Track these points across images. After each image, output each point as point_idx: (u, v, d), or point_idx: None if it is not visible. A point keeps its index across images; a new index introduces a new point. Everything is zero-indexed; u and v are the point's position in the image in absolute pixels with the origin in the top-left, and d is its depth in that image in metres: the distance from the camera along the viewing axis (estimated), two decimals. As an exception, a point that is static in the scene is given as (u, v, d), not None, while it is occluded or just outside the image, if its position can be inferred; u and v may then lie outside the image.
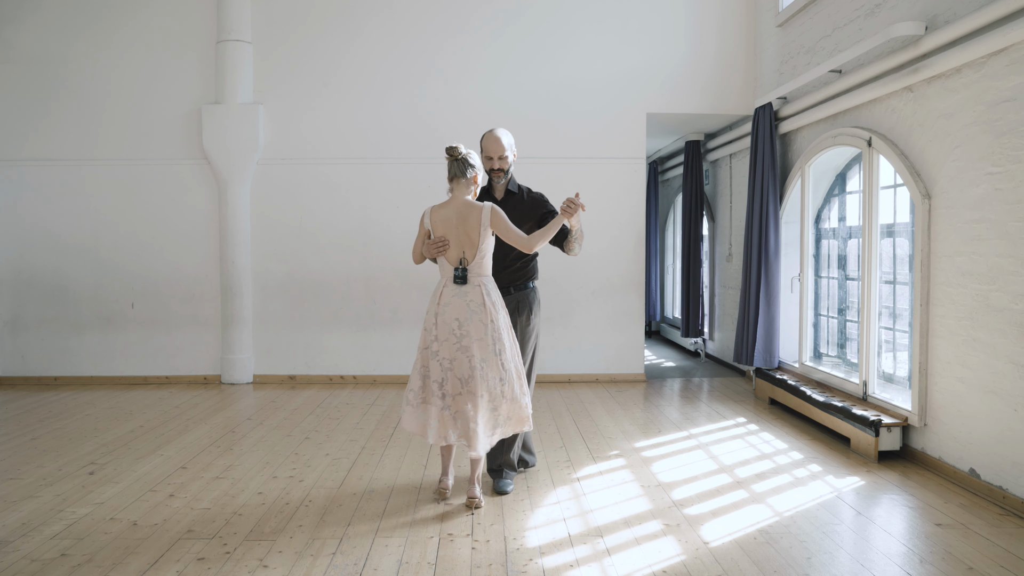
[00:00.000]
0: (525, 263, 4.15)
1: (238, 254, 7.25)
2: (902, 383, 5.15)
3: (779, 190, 6.48)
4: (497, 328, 3.74)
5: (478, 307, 3.73)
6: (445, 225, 3.78)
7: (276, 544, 3.38)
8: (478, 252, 3.74)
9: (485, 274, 3.81)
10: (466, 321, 3.72)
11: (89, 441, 5.15)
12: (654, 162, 10.68)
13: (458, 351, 3.72)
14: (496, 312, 3.76)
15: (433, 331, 3.77)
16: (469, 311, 3.73)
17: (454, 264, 3.78)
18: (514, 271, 4.11)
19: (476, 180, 3.84)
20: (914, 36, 4.58)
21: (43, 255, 7.35)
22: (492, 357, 3.72)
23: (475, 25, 7.30)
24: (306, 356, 7.38)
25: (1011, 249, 3.85)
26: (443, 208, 3.81)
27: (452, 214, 3.78)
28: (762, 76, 7.16)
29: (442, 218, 3.80)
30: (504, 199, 4.13)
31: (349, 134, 7.33)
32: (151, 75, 7.30)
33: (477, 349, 3.70)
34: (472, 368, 3.69)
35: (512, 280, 4.11)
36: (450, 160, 3.80)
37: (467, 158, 3.80)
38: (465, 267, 3.76)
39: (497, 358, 3.72)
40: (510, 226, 3.76)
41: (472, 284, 3.76)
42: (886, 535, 3.50)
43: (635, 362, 7.44)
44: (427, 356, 3.80)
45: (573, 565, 3.17)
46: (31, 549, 3.32)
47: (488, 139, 4.06)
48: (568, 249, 4.05)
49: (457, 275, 3.76)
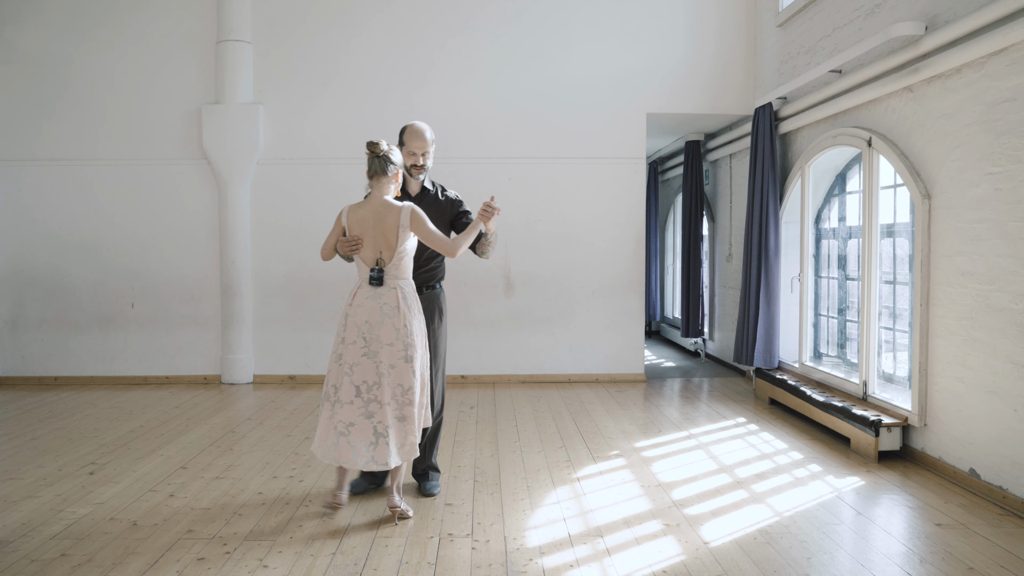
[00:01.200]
0: (438, 263, 4.05)
1: (238, 254, 7.25)
2: (902, 383, 5.15)
3: (779, 190, 6.47)
4: (411, 333, 3.59)
5: (392, 310, 3.58)
6: (362, 225, 3.62)
7: (276, 544, 3.38)
8: (396, 254, 3.60)
9: (403, 276, 3.66)
10: (377, 325, 3.56)
11: (89, 441, 5.15)
12: (654, 162, 10.68)
13: (363, 356, 3.56)
14: (411, 316, 3.61)
15: (341, 333, 3.62)
16: (382, 314, 3.57)
17: (370, 265, 3.64)
18: (427, 271, 3.98)
19: (397, 178, 3.69)
20: (914, 36, 4.58)
21: (43, 255, 7.35)
22: (402, 364, 3.56)
23: (475, 25, 7.30)
24: (306, 356, 7.38)
25: (1011, 249, 3.85)
26: (361, 207, 3.65)
27: (370, 214, 3.63)
28: (762, 76, 7.16)
29: (359, 218, 3.64)
30: (417, 197, 4.00)
31: (349, 134, 7.32)
32: (151, 75, 7.30)
33: (386, 355, 3.55)
34: (379, 375, 3.53)
35: (425, 281, 3.98)
36: (371, 156, 3.62)
37: (388, 155, 3.63)
38: (381, 268, 3.61)
39: (408, 365, 3.56)
40: (432, 228, 3.64)
41: (388, 286, 3.61)
42: (886, 535, 3.50)
43: (635, 362, 7.44)
44: (331, 360, 3.64)
45: (573, 565, 3.16)
46: (31, 549, 3.32)
47: (411, 133, 3.89)
48: (480, 252, 3.92)
49: (373, 276, 3.60)
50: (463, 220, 4.03)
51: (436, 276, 4.04)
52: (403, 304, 3.60)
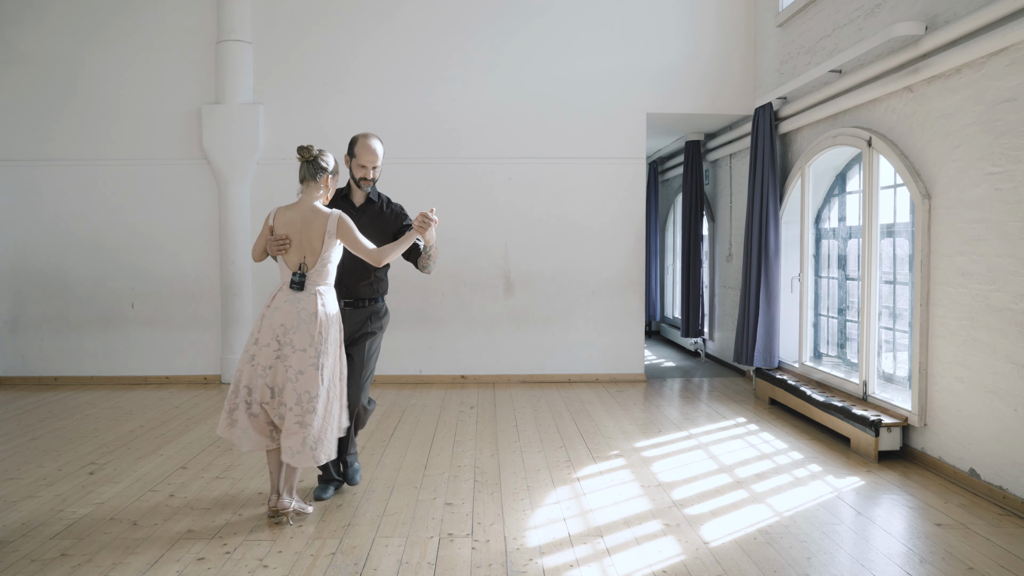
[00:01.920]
0: (383, 275, 4.01)
1: (238, 254, 7.25)
2: (902, 383, 5.15)
3: (779, 190, 6.47)
4: (324, 341, 3.53)
5: (309, 316, 3.53)
6: (289, 228, 3.60)
7: (276, 544, 3.38)
8: (319, 260, 3.57)
9: (324, 283, 3.62)
10: (292, 329, 3.51)
11: (89, 441, 5.15)
12: (654, 162, 10.68)
13: (276, 359, 3.52)
14: (328, 325, 3.56)
15: (255, 334, 3.57)
16: (298, 319, 3.52)
17: (293, 269, 3.60)
18: (370, 284, 3.95)
19: (327, 183, 3.66)
20: (914, 36, 4.58)
21: (43, 255, 7.35)
22: (310, 371, 3.49)
23: (475, 25, 7.30)
24: (306, 356, 7.36)
25: (1011, 249, 3.85)
26: (289, 210, 3.63)
27: (297, 217, 3.60)
28: (762, 76, 7.16)
29: (286, 220, 3.61)
30: (363, 207, 3.98)
31: (349, 134, 7.27)
32: (151, 75, 7.30)
33: (296, 360, 3.50)
34: (287, 380, 3.50)
35: (369, 294, 3.95)
36: (301, 161, 3.60)
37: (319, 160, 3.61)
38: (304, 273, 3.57)
39: (316, 372, 3.49)
40: (358, 237, 3.60)
41: (308, 292, 3.57)
42: (886, 535, 3.50)
43: (635, 362, 7.44)
44: (244, 360, 3.59)
45: (573, 565, 3.16)
46: (31, 549, 3.32)
47: (363, 147, 3.88)
48: (422, 267, 3.88)
49: (294, 280, 3.56)
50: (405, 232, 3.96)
51: (379, 290, 4.01)
52: (321, 311, 3.55)
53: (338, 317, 3.67)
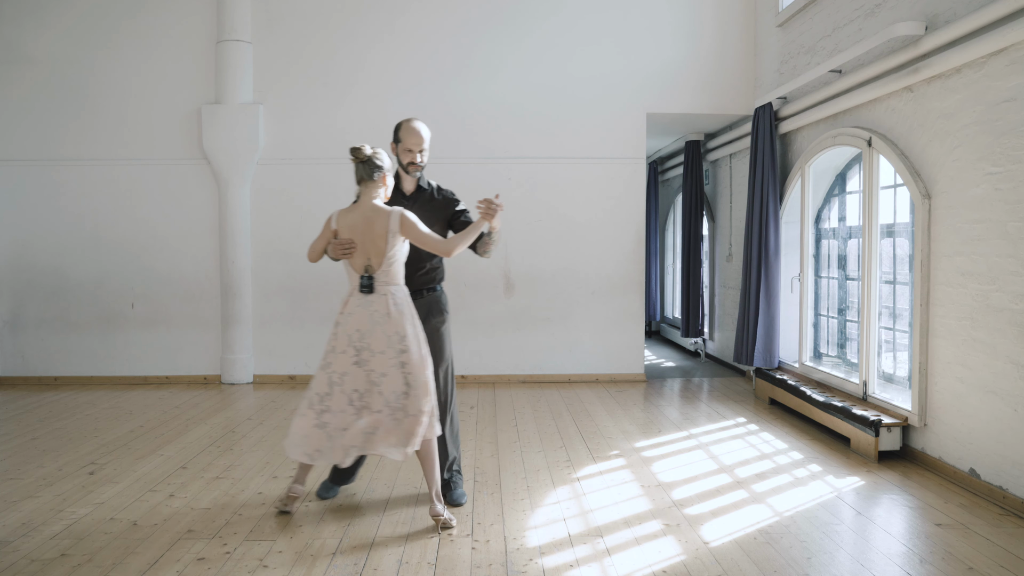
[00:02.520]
0: (437, 264, 3.94)
1: (238, 254, 7.25)
2: (902, 383, 5.15)
3: (779, 190, 6.48)
4: (403, 339, 3.50)
5: (382, 318, 3.50)
6: (352, 231, 3.55)
7: (276, 544, 3.38)
8: (385, 260, 3.52)
9: (394, 283, 3.57)
10: (367, 332, 3.50)
11: (89, 441, 5.15)
12: (654, 162, 10.68)
13: (354, 365, 3.51)
14: (403, 322, 3.53)
15: (332, 342, 3.56)
16: (371, 322, 3.50)
17: (359, 272, 3.56)
18: (426, 274, 3.86)
19: (385, 181, 3.60)
20: (914, 36, 4.58)
21: (43, 255, 7.35)
22: (394, 371, 3.48)
23: (474, 25, 7.30)
24: (306, 356, 7.37)
25: (1011, 249, 3.85)
26: (350, 212, 3.58)
27: (359, 219, 3.55)
28: (762, 76, 7.16)
29: (349, 223, 3.56)
30: (413, 195, 3.88)
31: (349, 134, 7.32)
32: (151, 75, 7.30)
33: (378, 363, 3.48)
34: (371, 383, 3.48)
35: (425, 284, 3.86)
36: (355, 162, 3.54)
37: (373, 159, 3.54)
38: (371, 275, 3.53)
39: (400, 371, 3.49)
40: (424, 231, 3.55)
41: (378, 293, 3.53)
42: (886, 535, 3.50)
43: (635, 362, 7.44)
44: (318, 368, 3.59)
45: (573, 565, 3.16)
46: (31, 549, 3.32)
47: (407, 130, 3.77)
48: (482, 252, 3.81)
49: (363, 284, 3.53)
50: (461, 219, 3.92)
51: (436, 278, 3.94)
52: (394, 311, 3.52)
53: (413, 314, 3.60)
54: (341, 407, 3.52)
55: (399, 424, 3.49)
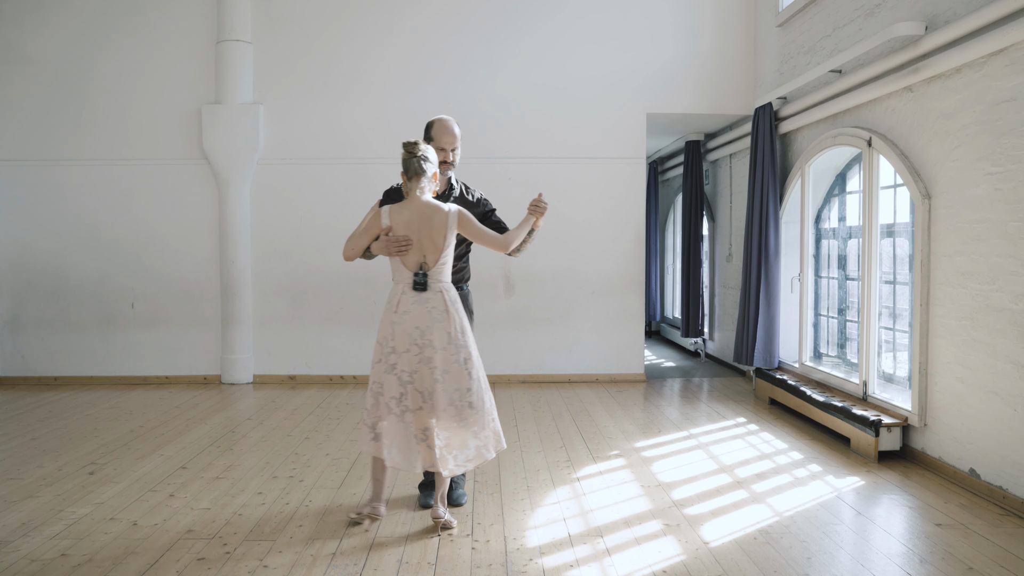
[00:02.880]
0: (465, 264, 3.94)
1: (238, 254, 7.25)
2: (902, 383, 5.15)
3: (779, 190, 6.48)
4: (463, 334, 3.49)
5: (441, 314, 3.46)
6: (407, 227, 3.48)
7: (276, 544, 3.38)
8: (441, 256, 3.49)
9: (445, 280, 3.54)
10: (428, 330, 3.45)
11: (89, 441, 5.15)
12: (654, 162, 10.68)
13: (420, 363, 3.45)
14: (461, 318, 3.51)
15: (390, 343, 3.48)
16: (431, 319, 3.45)
17: (413, 269, 3.50)
18: (456, 272, 3.83)
19: (436, 178, 3.56)
20: (914, 36, 4.58)
21: (43, 255, 7.35)
22: (456, 367, 3.45)
23: (475, 25, 7.30)
24: (306, 356, 7.38)
25: (1011, 249, 3.84)
26: (404, 209, 3.50)
27: (415, 216, 3.48)
28: (762, 76, 7.16)
29: (404, 220, 3.48)
30: (444, 194, 3.85)
31: (349, 134, 7.33)
32: (151, 75, 7.30)
33: (440, 360, 3.44)
34: (434, 380, 3.43)
35: (455, 282, 3.83)
36: (409, 158, 3.47)
37: (427, 155, 3.51)
38: (426, 272, 3.48)
39: (463, 367, 3.46)
40: (481, 227, 3.55)
41: (432, 291, 3.49)
42: (886, 535, 3.50)
43: (635, 362, 7.44)
44: (380, 371, 3.49)
45: (573, 565, 3.16)
46: (31, 549, 3.32)
47: (440, 128, 3.77)
48: (517, 252, 3.81)
49: (418, 281, 3.47)
50: (491, 219, 3.90)
51: (464, 277, 3.93)
52: (451, 307, 3.49)
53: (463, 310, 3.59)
54: (418, 404, 3.47)
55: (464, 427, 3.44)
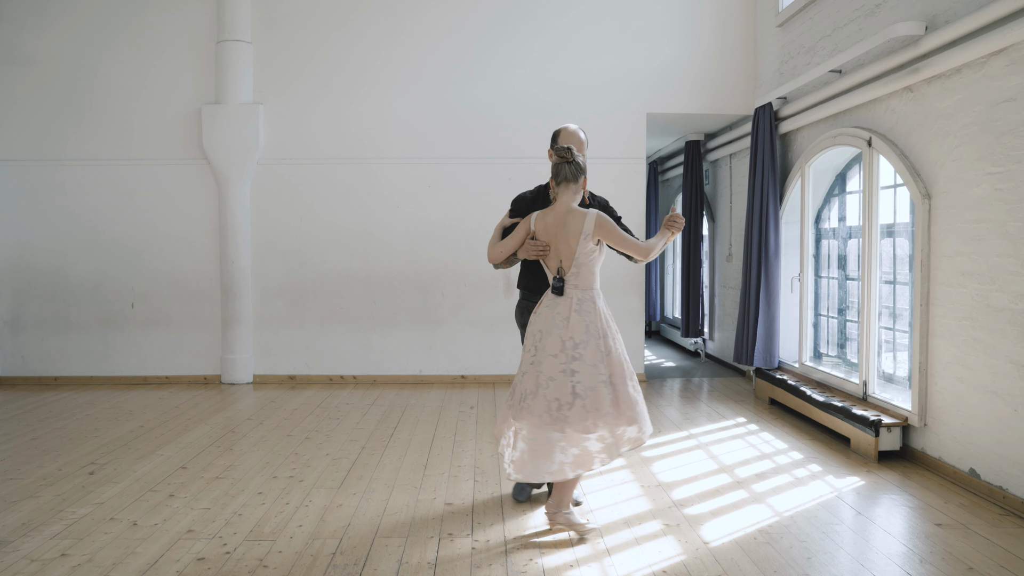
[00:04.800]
0: None
1: (238, 254, 7.25)
2: (902, 383, 5.15)
3: (779, 190, 6.47)
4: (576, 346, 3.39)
5: (561, 321, 3.42)
6: (547, 232, 3.50)
7: (276, 544, 3.38)
8: (574, 262, 3.44)
9: (584, 287, 3.46)
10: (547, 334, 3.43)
11: (89, 441, 5.15)
12: (654, 162, 10.68)
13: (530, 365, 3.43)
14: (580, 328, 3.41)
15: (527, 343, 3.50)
16: (552, 324, 3.43)
17: (552, 274, 3.51)
18: None
19: (585, 185, 3.54)
20: (914, 36, 4.58)
21: (43, 255, 7.35)
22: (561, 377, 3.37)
23: (475, 25, 7.30)
24: (306, 356, 7.38)
25: (1011, 249, 3.84)
26: (547, 214, 3.51)
27: (555, 221, 3.48)
28: (762, 76, 7.16)
29: (545, 225, 3.50)
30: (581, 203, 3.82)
31: (349, 134, 7.33)
32: (151, 75, 7.30)
33: (547, 366, 3.39)
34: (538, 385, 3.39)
35: None
36: (560, 163, 3.46)
37: (580, 162, 3.48)
38: (562, 278, 3.46)
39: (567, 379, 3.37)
40: (623, 234, 3.47)
41: (567, 296, 3.45)
42: (886, 535, 3.50)
43: (635, 362, 7.43)
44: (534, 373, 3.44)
45: (573, 565, 3.16)
46: (31, 549, 3.32)
47: (567, 135, 3.82)
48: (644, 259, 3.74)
49: (554, 285, 3.46)
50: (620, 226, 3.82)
51: None
52: (574, 316, 3.41)
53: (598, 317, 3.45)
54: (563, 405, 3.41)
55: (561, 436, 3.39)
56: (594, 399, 3.35)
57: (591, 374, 3.38)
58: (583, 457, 3.40)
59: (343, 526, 3.59)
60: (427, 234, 7.34)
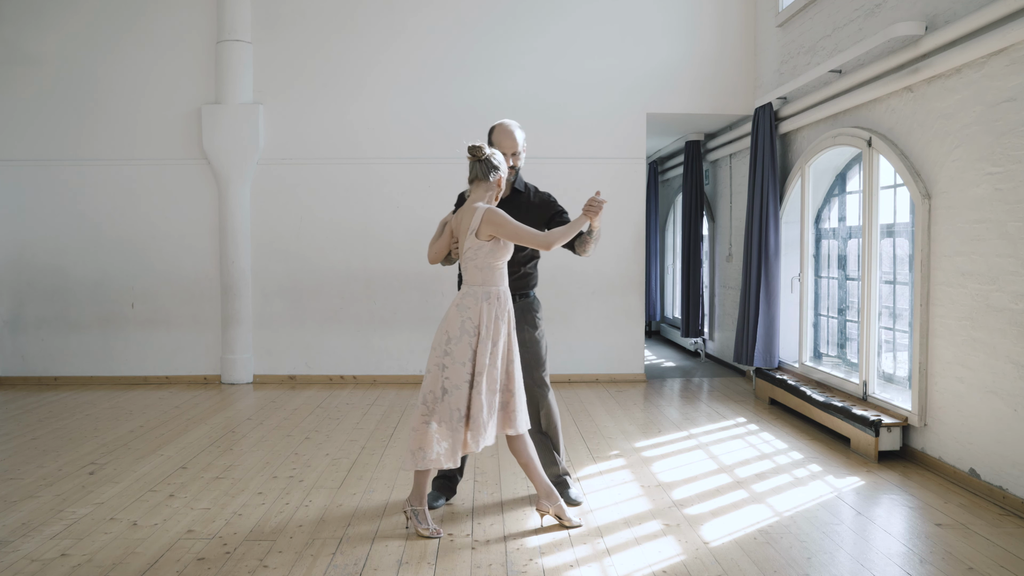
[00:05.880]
0: (532, 269, 3.90)
1: (238, 254, 7.25)
2: (902, 383, 5.15)
3: (779, 190, 6.48)
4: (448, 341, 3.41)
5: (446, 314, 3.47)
6: (458, 230, 3.55)
7: (276, 544, 3.38)
8: (463, 257, 3.47)
9: (473, 283, 3.44)
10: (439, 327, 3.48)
11: (89, 441, 5.15)
12: (654, 162, 10.68)
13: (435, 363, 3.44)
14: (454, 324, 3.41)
15: None
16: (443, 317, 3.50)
17: None
18: (519, 278, 3.82)
19: (500, 184, 3.50)
20: (914, 36, 4.58)
21: (43, 255, 7.35)
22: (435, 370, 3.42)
23: (475, 25, 7.30)
24: (306, 356, 7.38)
25: (1011, 249, 3.85)
26: (464, 211, 3.54)
27: (460, 217, 3.54)
28: (762, 76, 7.16)
29: (456, 222, 3.57)
30: (509, 198, 3.84)
31: (349, 134, 7.33)
32: (151, 75, 7.30)
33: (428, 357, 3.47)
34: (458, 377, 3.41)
35: (518, 288, 3.82)
36: (472, 161, 3.47)
37: (491, 159, 3.48)
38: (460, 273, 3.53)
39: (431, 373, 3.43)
40: (516, 226, 3.38)
41: (460, 291, 3.50)
42: (886, 535, 3.50)
43: (635, 362, 7.44)
44: None
45: (573, 565, 3.16)
46: (31, 549, 3.32)
47: (501, 132, 3.79)
48: (583, 250, 3.74)
49: (459, 280, 3.54)
50: (558, 220, 3.87)
51: (528, 284, 3.89)
52: (453, 311, 3.43)
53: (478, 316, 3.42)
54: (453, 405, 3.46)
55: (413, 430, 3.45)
56: (457, 397, 3.39)
57: (458, 371, 3.40)
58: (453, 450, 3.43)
59: (343, 526, 3.59)
60: (427, 234, 7.28)
